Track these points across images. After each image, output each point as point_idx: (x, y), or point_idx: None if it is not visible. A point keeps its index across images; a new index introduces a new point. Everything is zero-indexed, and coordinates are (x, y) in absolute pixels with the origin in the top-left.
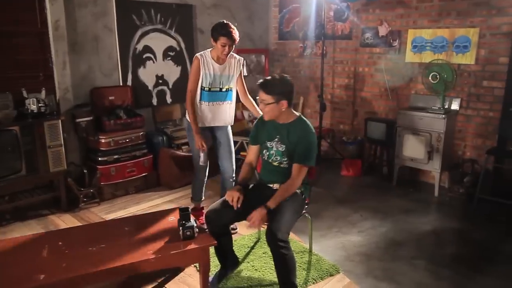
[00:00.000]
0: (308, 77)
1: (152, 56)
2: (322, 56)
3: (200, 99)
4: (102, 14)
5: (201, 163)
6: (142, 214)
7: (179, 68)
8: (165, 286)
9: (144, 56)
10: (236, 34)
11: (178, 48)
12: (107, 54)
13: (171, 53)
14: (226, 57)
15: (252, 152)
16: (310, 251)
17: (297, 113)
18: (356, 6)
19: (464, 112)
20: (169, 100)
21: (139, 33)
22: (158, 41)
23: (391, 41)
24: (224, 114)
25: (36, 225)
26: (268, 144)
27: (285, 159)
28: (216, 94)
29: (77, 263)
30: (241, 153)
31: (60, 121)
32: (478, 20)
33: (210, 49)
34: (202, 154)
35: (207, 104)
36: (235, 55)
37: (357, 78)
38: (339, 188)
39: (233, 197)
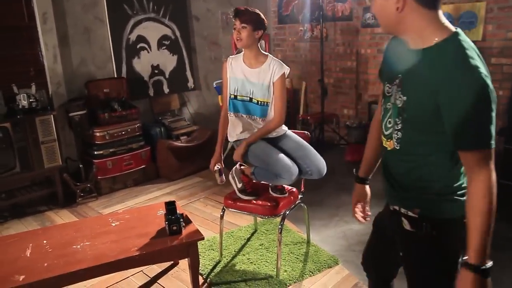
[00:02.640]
0: (309, 61)
1: (146, 46)
2: (321, 39)
3: (229, 110)
4: (92, 5)
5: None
6: (131, 209)
7: (175, 57)
8: (158, 282)
9: (138, 46)
10: (248, 13)
11: (173, 37)
12: (100, 46)
13: (166, 42)
14: (239, 43)
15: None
16: (308, 241)
17: (452, 28)
18: None
19: None
20: (166, 90)
21: (131, 22)
22: (152, 30)
23: None
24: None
25: (33, 222)
26: (387, 87)
27: (399, 128)
28: (245, 104)
29: (59, 263)
30: None
31: (52, 116)
32: None
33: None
34: (216, 175)
35: (234, 115)
36: (273, 59)
37: (360, 61)
38: (342, 174)
39: (355, 207)
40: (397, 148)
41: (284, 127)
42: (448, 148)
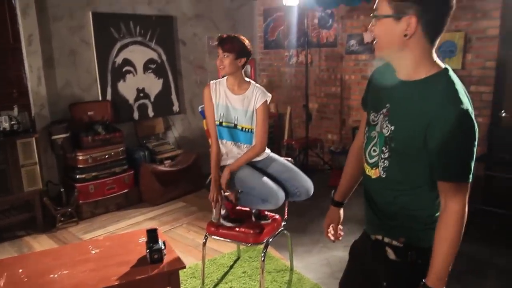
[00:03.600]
0: (294, 86)
1: (132, 69)
2: (306, 65)
3: (218, 137)
4: (79, 28)
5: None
6: (112, 235)
7: (161, 80)
8: None
9: (123, 70)
10: (230, 42)
11: (159, 60)
12: (85, 69)
13: (152, 66)
14: (222, 71)
15: (362, 127)
16: (291, 269)
17: (442, 64)
18: (340, 13)
19: None
20: (151, 113)
21: (117, 46)
22: (138, 54)
23: None
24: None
25: (10, 248)
26: (372, 116)
27: (386, 156)
28: (231, 131)
29: None
30: None
31: (34, 138)
32: (464, 24)
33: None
34: (214, 210)
35: (223, 142)
36: (255, 86)
37: (344, 86)
38: (326, 200)
39: (327, 228)
40: (383, 176)
41: (267, 150)
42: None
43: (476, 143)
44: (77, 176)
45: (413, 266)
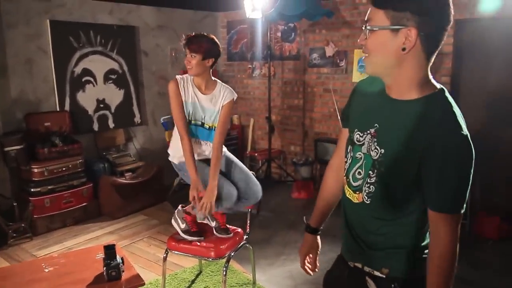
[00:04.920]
0: (257, 99)
1: (92, 80)
2: (269, 77)
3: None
4: (36, 36)
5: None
6: (67, 252)
7: (122, 91)
8: None
9: (83, 80)
10: (197, 42)
11: (120, 71)
12: (42, 78)
13: (112, 76)
14: (190, 72)
15: (342, 143)
16: (254, 282)
17: (437, 84)
18: (302, 27)
19: None
20: (111, 125)
21: (77, 55)
22: (98, 64)
23: (338, 61)
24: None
25: None
26: (357, 135)
27: (372, 181)
28: (197, 128)
29: None
30: None
31: None
32: None
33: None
34: (193, 211)
35: (191, 140)
36: (222, 85)
37: (306, 99)
38: (289, 212)
39: (304, 258)
40: (367, 202)
41: (224, 149)
42: (423, 205)
43: (472, 170)
44: (32, 190)
45: None
